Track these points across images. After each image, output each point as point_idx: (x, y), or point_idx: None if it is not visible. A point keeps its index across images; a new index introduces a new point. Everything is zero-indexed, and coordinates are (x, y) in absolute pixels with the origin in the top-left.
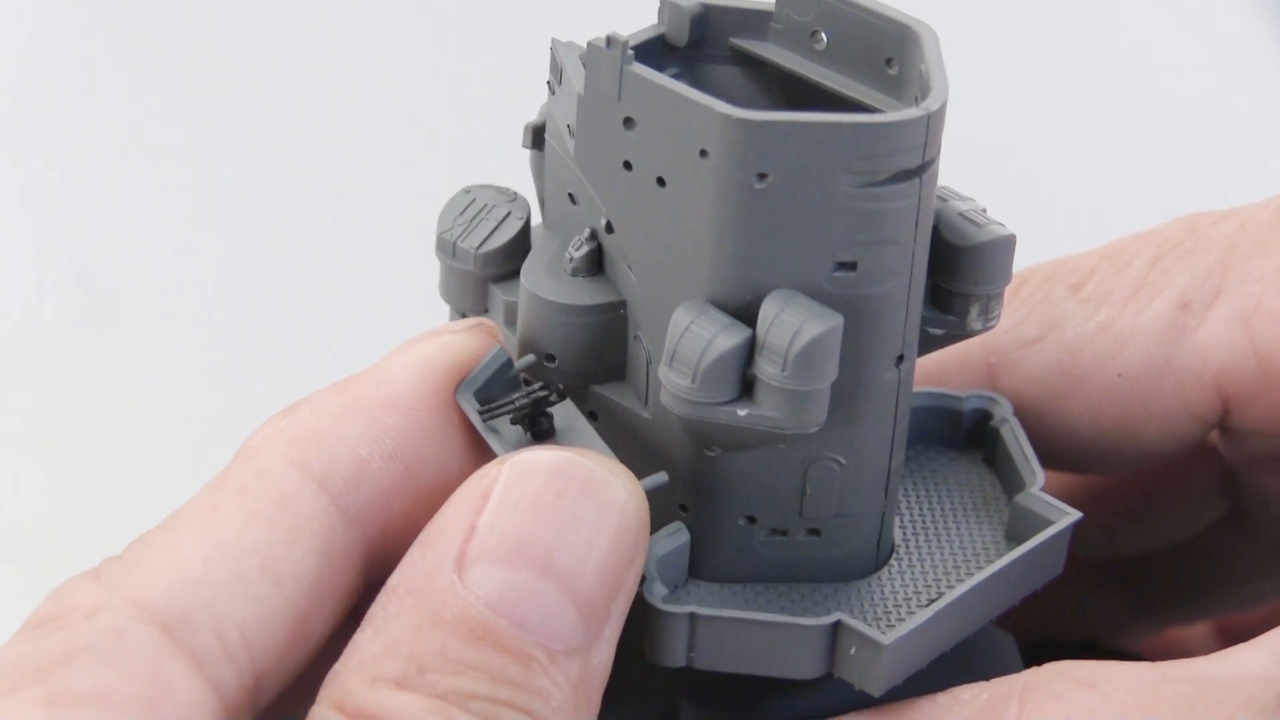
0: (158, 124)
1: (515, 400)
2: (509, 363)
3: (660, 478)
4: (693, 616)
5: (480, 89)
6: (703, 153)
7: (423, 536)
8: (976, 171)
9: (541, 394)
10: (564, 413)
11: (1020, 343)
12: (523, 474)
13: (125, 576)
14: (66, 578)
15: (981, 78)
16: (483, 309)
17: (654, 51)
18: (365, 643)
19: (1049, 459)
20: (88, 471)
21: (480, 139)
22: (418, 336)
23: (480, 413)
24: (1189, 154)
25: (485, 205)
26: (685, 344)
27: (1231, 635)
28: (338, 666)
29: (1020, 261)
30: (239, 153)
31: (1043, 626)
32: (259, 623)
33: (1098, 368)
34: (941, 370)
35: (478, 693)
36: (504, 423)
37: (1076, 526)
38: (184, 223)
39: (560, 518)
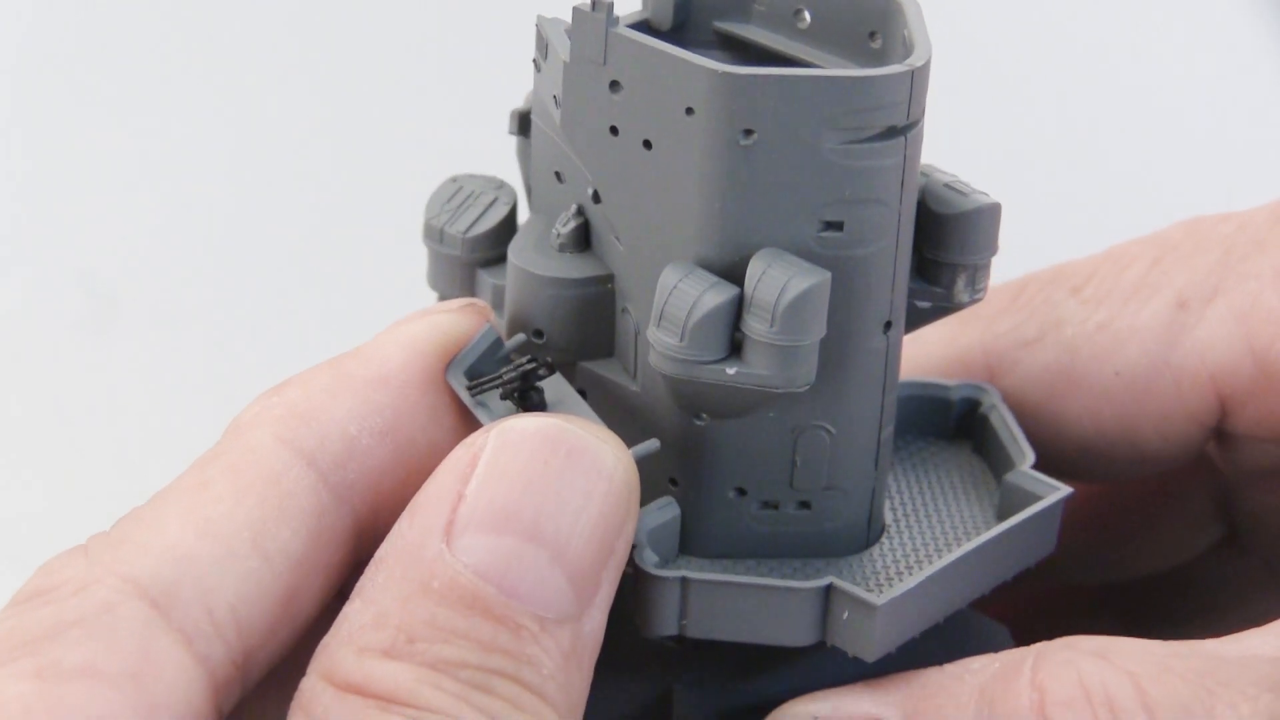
0: (157, 124)
1: (503, 374)
2: (499, 342)
3: (652, 444)
4: (684, 581)
5: (467, 79)
6: (689, 110)
7: (411, 506)
8: (974, 180)
9: (529, 367)
10: (554, 386)
11: (1019, 343)
12: (510, 441)
13: (115, 551)
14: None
15: (979, 87)
16: (471, 295)
17: None
18: (354, 613)
19: (1049, 462)
20: (88, 472)
21: (469, 129)
22: (409, 316)
23: (468, 388)
24: (1191, 158)
25: (472, 192)
26: (673, 303)
27: None
28: (327, 638)
29: (1021, 268)
30: (233, 150)
31: None
32: (248, 599)
33: (1096, 367)
34: (940, 372)
35: (468, 661)
36: (493, 398)
37: (1072, 555)
38: (184, 223)
39: (548, 484)
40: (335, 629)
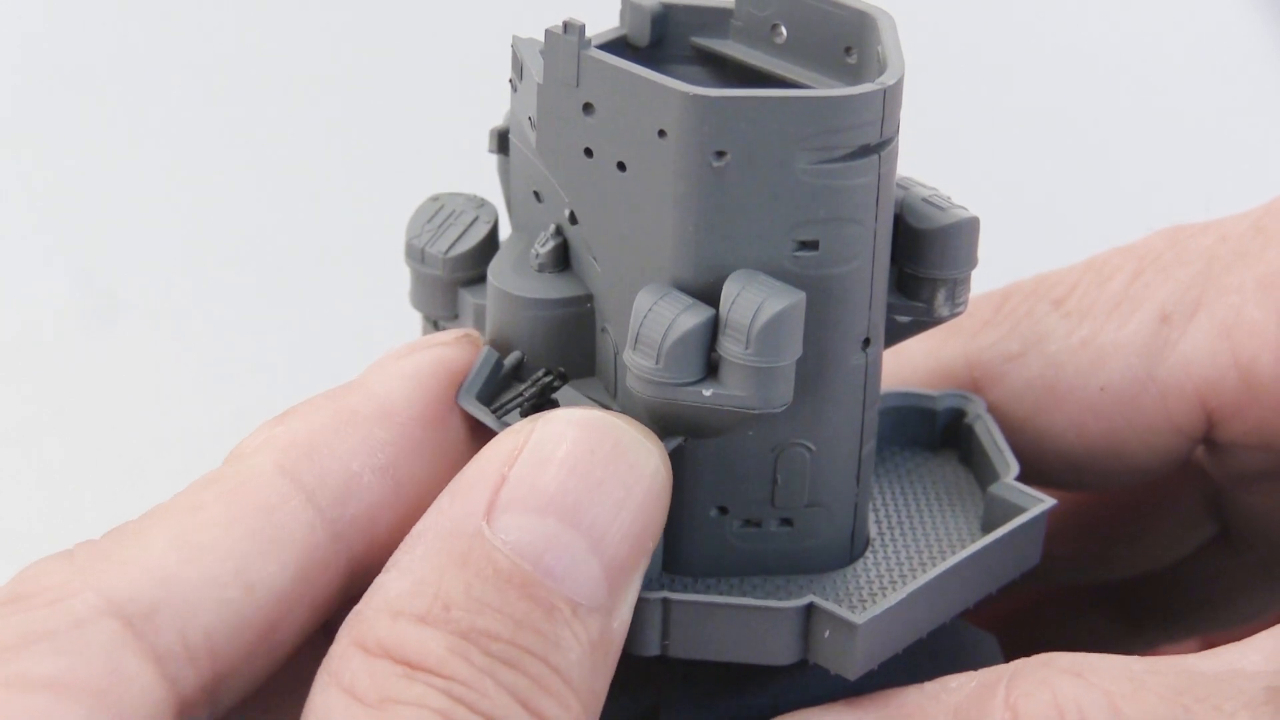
0: (157, 124)
1: (523, 391)
2: (499, 363)
3: (677, 439)
4: (665, 602)
5: (451, 97)
6: (661, 133)
7: (451, 486)
8: (954, 182)
9: (545, 380)
10: (567, 396)
11: (1003, 358)
12: (556, 431)
13: (98, 564)
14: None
15: (959, 90)
16: (453, 314)
17: (616, 52)
18: (390, 583)
19: (1035, 474)
20: (87, 471)
21: (455, 146)
22: (405, 347)
23: (494, 410)
24: (1170, 164)
25: (453, 211)
26: (649, 325)
27: None
28: (360, 606)
29: (1004, 277)
30: (231, 151)
31: (1032, 649)
32: (225, 627)
33: (1080, 382)
34: (924, 384)
35: (500, 634)
36: (514, 416)
37: (1065, 558)
38: (183, 223)
39: (593, 474)
40: (369, 598)
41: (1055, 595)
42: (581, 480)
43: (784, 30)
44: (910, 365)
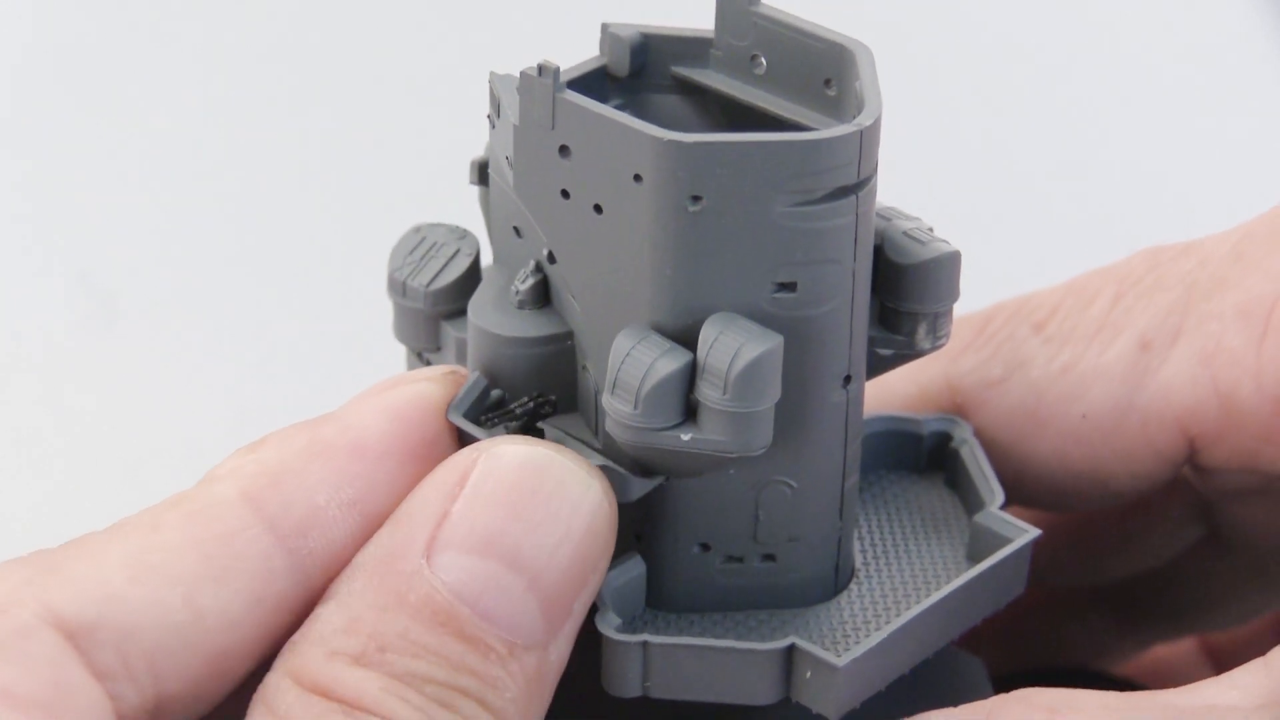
0: (156, 124)
1: (514, 409)
2: (488, 388)
3: (658, 478)
4: (646, 645)
5: (434, 127)
6: (637, 177)
7: (394, 517)
8: (939, 195)
9: (538, 400)
10: (549, 433)
11: (985, 384)
12: (498, 465)
13: (46, 575)
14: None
15: (943, 104)
16: (435, 347)
17: (596, 83)
18: (327, 616)
19: (1019, 497)
20: (87, 472)
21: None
22: (389, 381)
23: (483, 419)
24: (1154, 169)
25: (435, 243)
26: (626, 370)
27: (1216, 652)
28: (296, 637)
29: (987, 294)
30: (231, 151)
31: (1028, 654)
32: (170, 650)
33: (1062, 409)
34: (905, 408)
35: (434, 677)
36: (499, 432)
37: (1055, 564)
38: (183, 223)
39: (534, 513)
40: (305, 629)
41: (1048, 596)
42: (522, 520)
43: (764, 61)
44: (891, 389)
